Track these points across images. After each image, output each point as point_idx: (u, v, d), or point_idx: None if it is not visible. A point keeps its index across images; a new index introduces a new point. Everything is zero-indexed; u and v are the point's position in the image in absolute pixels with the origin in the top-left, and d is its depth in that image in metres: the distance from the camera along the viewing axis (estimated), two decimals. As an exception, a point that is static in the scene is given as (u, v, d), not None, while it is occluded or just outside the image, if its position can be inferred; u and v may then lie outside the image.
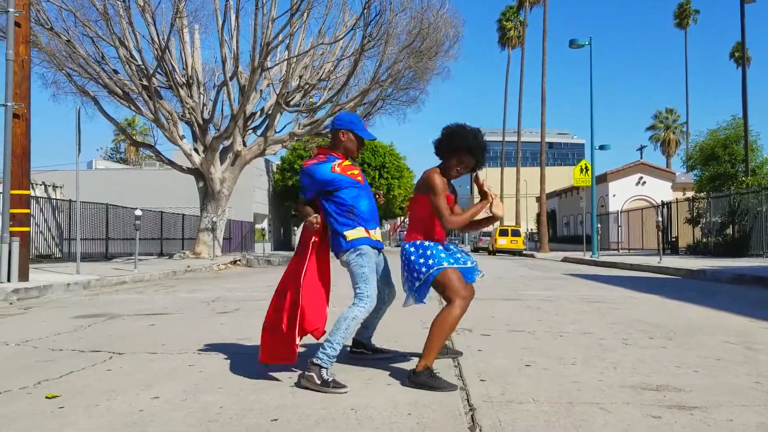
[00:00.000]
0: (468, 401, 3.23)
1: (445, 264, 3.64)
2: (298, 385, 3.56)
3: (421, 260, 3.66)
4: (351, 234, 3.80)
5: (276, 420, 2.90)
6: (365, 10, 20.03)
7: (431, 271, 3.63)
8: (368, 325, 4.22)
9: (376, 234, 3.93)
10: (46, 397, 3.34)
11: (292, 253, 4.63)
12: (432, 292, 3.74)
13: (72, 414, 3.03)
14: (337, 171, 3.86)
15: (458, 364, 4.15)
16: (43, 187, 21.38)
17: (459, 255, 3.81)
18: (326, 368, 3.52)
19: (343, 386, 3.44)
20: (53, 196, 21.80)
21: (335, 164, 3.88)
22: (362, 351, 4.28)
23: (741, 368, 4.05)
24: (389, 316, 4.54)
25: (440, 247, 3.75)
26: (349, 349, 4.33)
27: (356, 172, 3.97)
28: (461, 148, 3.72)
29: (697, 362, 4.23)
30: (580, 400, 3.24)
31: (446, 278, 3.62)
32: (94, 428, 2.79)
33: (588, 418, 2.91)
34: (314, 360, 3.55)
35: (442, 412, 3.02)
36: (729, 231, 21.21)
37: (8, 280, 9.88)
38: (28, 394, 3.43)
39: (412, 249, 3.74)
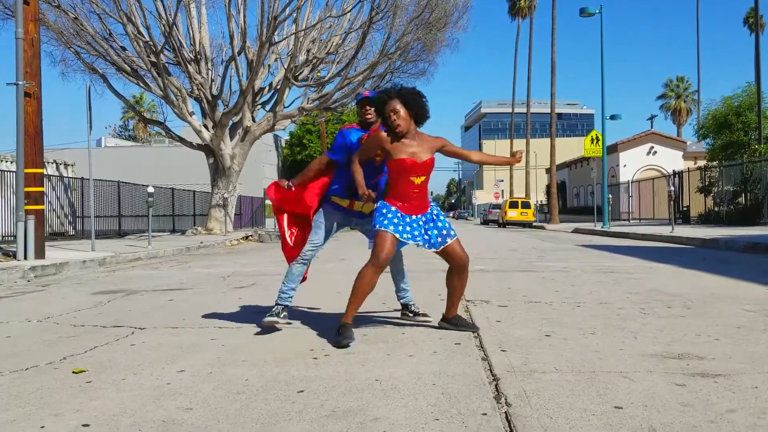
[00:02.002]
0: (491, 371, 3.25)
1: (389, 228, 4.02)
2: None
3: (380, 217, 4.07)
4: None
5: (302, 391, 2.93)
6: (373, -18, 19.82)
7: (376, 227, 4.04)
8: (396, 287, 4.68)
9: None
10: (73, 372, 3.39)
11: None
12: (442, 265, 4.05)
13: (101, 387, 3.07)
14: None
15: (478, 335, 4.17)
16: (54, 165, 21.47)
17: (406, 226, 4.08)
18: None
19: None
20: (65, 175, 21.90)
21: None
22: (405, 313, 4.70)
23: (762, 336, 4.05)
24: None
25: (394, 211, 4.08)
26: (399, 312, 4.75)
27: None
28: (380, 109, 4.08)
29: (717, 330, 4.23)
30: (603, 369, 3.25)
31: (380, 238, 4.02)
32: (125, 400, 2.83)
33: (612, 386, 2.93)
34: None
35: (466, 382, 3.03)
36: (741, 199, 21.09)
37: (25, 258, 9.97)
38: (55, 369, 3.47)
39: (380, 204, 4.16)
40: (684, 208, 25.66)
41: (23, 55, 10.23)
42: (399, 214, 4.07)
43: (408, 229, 4.07)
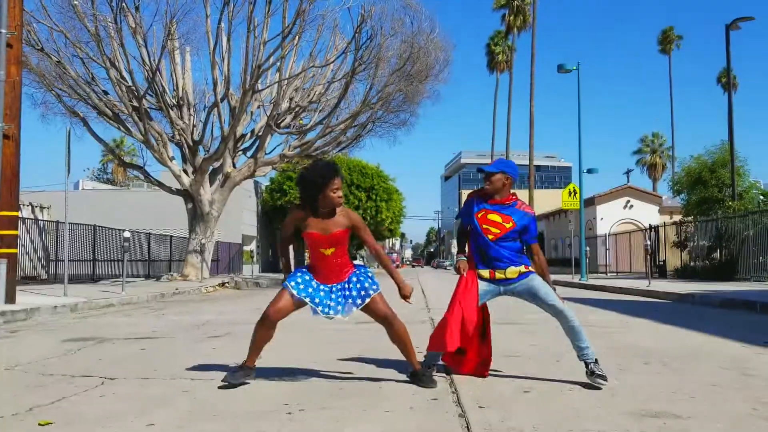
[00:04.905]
0: (468, 429, 3.20)
1: (290, 285, 4.18)
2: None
3: (290, 277, 4.28)
4: None
5: (275, 448, 2.86)
6: (356, 34, 20.18)
7: (283, 284, 4.25)
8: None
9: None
10: (39, 424, 3.28)
11: (280, 275, 4.76)
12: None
13: (66, 442, 2.97)
14: None
15: (456, 390, 4.12)
16: (30, 208, 21.23)
17: (313, 290, 4.20)
18: None
19: None
20: (40, 217, 21.65)
21: None
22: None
23: (738, 394, 4.04)
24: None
25: (306, 277, 4.25)
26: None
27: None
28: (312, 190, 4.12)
29: (693, 388, 4.22)
30: (581, 428, 3.21)
31: (279, 293, 4.23)
32: (90, 457, 2.74)
33: (590, 446, 2.89)
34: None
35: (443, 440, 2.98)
36: (716, 255, 21.33)
37: (-5, 303, 9.74)
38: (20, 421, 3.36)
39: (296, 268, 4.37)
40: (661, 262, 25.89)
41: (4, 97, 10.19)
42: (313, 282, 4.24)
43: (315, 294, 4.20)
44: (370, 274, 4.32)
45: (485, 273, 4.43)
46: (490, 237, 4.40)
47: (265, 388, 4.22)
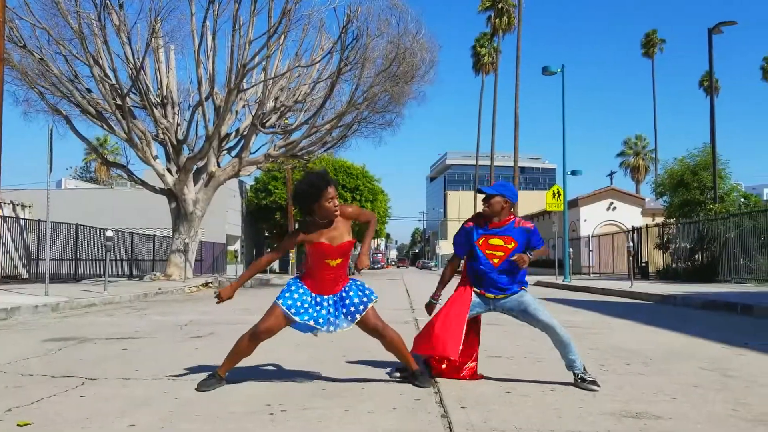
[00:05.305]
0: (451, 429, 3.20)
1: (280, 302, 4.09)
2: None
3: (284, 291, 4.17)
4: None
5: (256, 449, 2.85)
6: (342, 35, 20.15)
7: (276, 299, 4.14)
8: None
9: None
10: (18, 425, 3.24)
11: (265, 276, 4.71)
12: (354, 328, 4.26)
13: (44, 443, 2.94)
14: None
15: (438, 390, 4.12)
16: (11, 206, 20.99)
17: (311, 309, 4.12)
18: None
19: None
20: (22, 216, 21.42)
21: None
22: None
23: (718, 395, 4.08)
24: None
25: (301, 291, 4.16)
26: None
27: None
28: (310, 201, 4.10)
29: (674, 389, 4.26)
30: (562, 428, 3.23)
31: (270, 310, 4.14)
32: (69, 458, 2.71)
33: (571, 446, 2.90)
34: None
35: (425, 441, 2.98)
36: (698, 257, 21.52)
37: (-26, 302, 9.63)
38: (-2, 422, 3.33)
39: (291, 280, 4.30)
40: (643, 264, 26.08)
41: (-15, 94, 10.08)
42: (308, 296, 4.17)
43: (314, 312, 4.13)
44: (364, 288, 4.28)
45: (477, 290, 4.48)
46: (495, 261, 4.43)
47: (247, 388, 4.20)
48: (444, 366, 4.51)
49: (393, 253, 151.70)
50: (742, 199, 26.21)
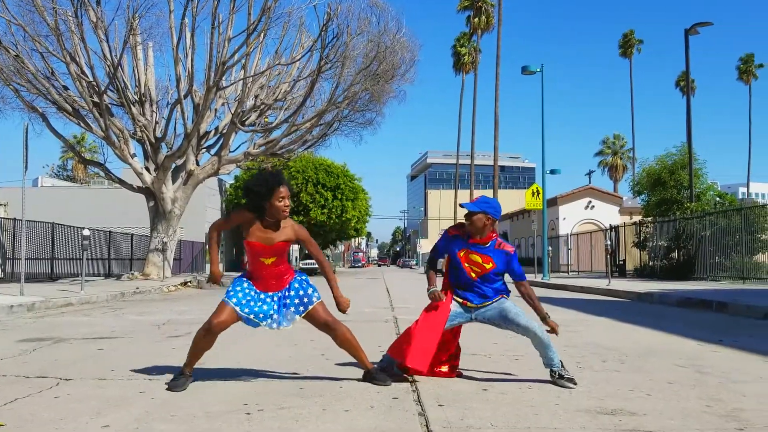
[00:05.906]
0: (428, 427, 3.21)
1: (226, 298, 4.15)
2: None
3: (230, 289, 4.20)
4: None
5: (232, 449, 2.83)
6: (322, 33, 20.09)
7: (224, 297, 4.18)
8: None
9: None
10: (-11, 427, 3.20)
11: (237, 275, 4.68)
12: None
13: (17, 445, 2.90)
14: None
15: (416, 388, 4.13)
16: (-15, 204, 20.68)
17: (254, 303, 4.17)
18: None
19: None
20: (-4, 214, 21.10)
21: None
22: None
23: (692, 392, 4.13)
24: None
25: (245, 285, 4.21)
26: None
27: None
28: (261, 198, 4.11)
29: (650, 386, 4.30)
30: (538, 425, 3.25)
31: (220, 306, 4.16)
32: (41, 460, 2.68)
33: (547, 443, 2.92)
34: None
35: (402, 439, 2.99)
36: (674, 255, 21.77)
37: (-53, 302, 9.48)
38: (-31, 424, 3.27)
39: (236, 278, 4.32)
40: (620, 262, 26.34)
41: (-42, 91, 9.92)
42: (252, 291, 4.20)
43: (256, 307, 4.16)
44: (310, 282, 4.32)
45: (459, 300, 4.47)
46: (473, 276, 4.44)
47: (223, 388, 4.18)
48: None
49: (374, 252, 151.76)
50: (718, 198, 26.53)
